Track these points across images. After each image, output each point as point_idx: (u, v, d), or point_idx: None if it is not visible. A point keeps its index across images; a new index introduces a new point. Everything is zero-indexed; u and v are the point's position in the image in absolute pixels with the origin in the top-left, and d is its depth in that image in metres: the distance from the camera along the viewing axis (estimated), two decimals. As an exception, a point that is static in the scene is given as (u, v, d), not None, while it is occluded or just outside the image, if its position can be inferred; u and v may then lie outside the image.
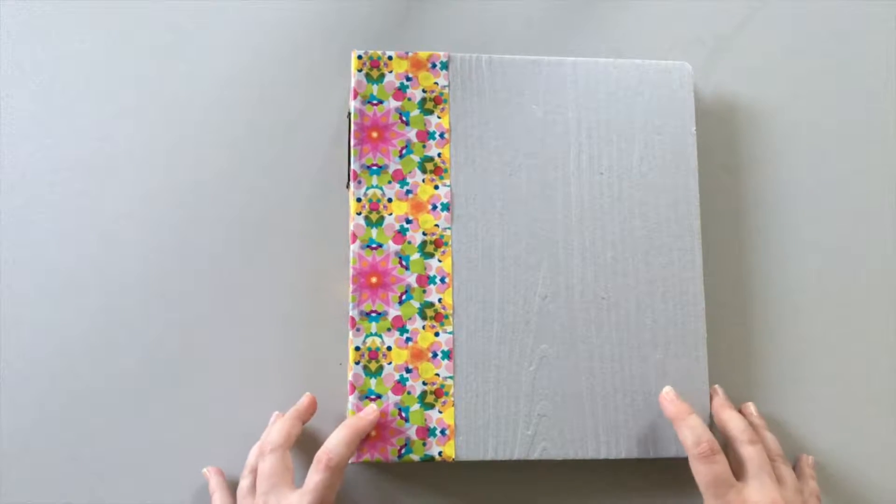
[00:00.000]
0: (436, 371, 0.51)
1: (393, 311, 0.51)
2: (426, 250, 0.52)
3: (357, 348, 0.51)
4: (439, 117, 0.53)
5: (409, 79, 0.54)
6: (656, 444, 0.51)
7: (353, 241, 0.52)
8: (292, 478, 0.47)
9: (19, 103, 0.56)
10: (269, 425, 0.51)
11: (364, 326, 0.51)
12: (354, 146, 0.53)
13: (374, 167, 0.53)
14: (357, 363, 0.51)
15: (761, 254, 0.57)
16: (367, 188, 0.52)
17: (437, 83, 0.54)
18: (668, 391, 0.51)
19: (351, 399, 0.50)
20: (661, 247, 0.53)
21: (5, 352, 0.53)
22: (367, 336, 0.51)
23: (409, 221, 0.52)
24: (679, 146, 0.54)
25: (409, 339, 0.51)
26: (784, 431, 0.55)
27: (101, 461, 0.52)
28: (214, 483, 0.50)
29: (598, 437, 0.51)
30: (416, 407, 0.50)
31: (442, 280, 0.52)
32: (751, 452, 0.48)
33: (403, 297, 0.51)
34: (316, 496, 0.45)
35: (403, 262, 0.52)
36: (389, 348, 0.51)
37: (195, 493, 0.51)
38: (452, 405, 0.51)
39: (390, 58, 0.54)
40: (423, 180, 0.53)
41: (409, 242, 0.52)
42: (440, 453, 0.50)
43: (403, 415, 0.50)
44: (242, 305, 0.54)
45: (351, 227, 0.52)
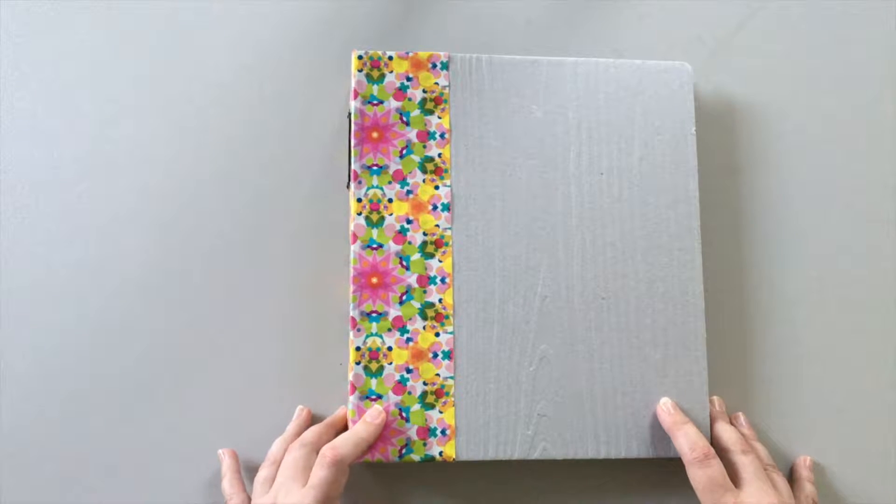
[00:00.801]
0: (436, 371, 0.51)
1: (393, 312, 0.51)
2: (426, 250, 0.52)
3: (358, 348, 0.51)
4: (440, 117, 0.53)
5: (409, 79, 0.54)
6: (656, 444, 0.51)
7: (354, 242, 0.52)
8: (308, 476, 0.47)
9: (19, 103, 0.55)
10: (294, 419, 0.52)
11: (364, 327, 0.51)
12: (355, 146, 0.53)
13: (375, 167, 0.53)
14: (358, 363, 0.51)
15: (761, 254, 0.57)
16: (368, 188, 0.52)
17: (437, 83, 0.54)
18: (666, 402, 0.51)
19: (351, 399, 0.50)
20: (661, 247, 0.53)
21: (5, 352, 0.53)
22: (367, 336, 0.51)
23: (409, 222, 0.52)
24: (679, 146, 0.54)
25: (409, 340, 0.51)
26: (783, 431, 0.55)
27: (101, 461, 0.52)
28: (226, 466, 0.50)
29: (598, 437, 0.51)
30: (416, 407, 0.50)
31: (442, 280, 0.52)
32: (745, 461, 0.48)
33: (404, 297, 0.51)
34: (320, 492, 0.45)
35: (404, 263, 0.52)
36: (390, 348, 0.51)
37: (195, 492, 0.52)
38: (453, 405, 0.51)
39: (391, 58, 0.54)
40: (424, 180, 0.53)
41: (410, 243, 0.52)
42: (441, 453, 0.50)
43: (404, 415, 0.50)
44: (243, 305, 0.54)
45: (351, 227, 0.52)
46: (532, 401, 0.51)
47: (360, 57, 0.54)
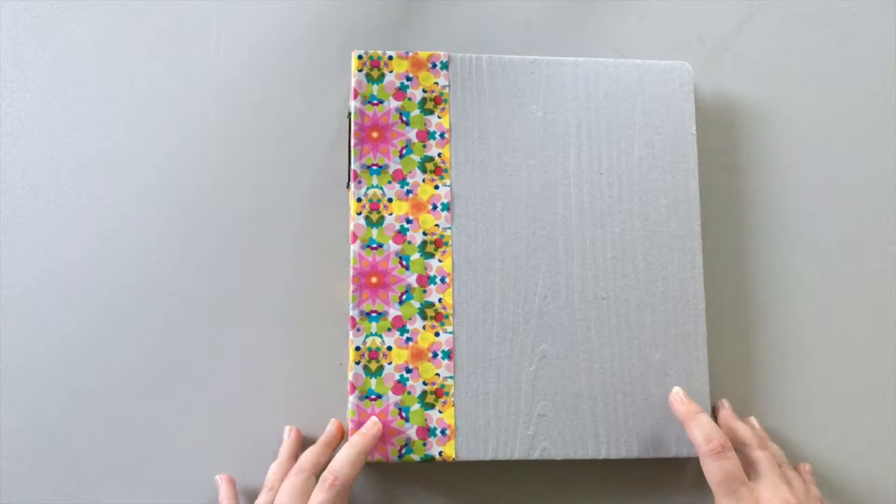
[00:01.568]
0: (436, 371, 0.51)
1: (393, 311, 0.51)
2: (426, 250, 0.52)
3: (357, 348, 0.51)
4: (439, 117, 0.53)
5: (409, 79, 0.54)
6: (656, 444, 0.51)
7: (354, 241, 0.52)
8: (307, 501, 0.46)
9: (19, 103, 0.56)
10: (284, 441, 0.51)
11: (364, 326, 0.51)
12: (355, 146, 0.53)
13: (375, 167, 0.53)
14: (357, 363, 0.51)
15: (761, 254, 0.57)
16: (368, 188, 0.52)
17: (437, 83, 0.54)
18: (678, 391, 0.50)
19: (351, 399, 0.50)
20: (661, 247, 0.53)
21: (5, 352, 0.53)
22: (367, 336, 0.51)
23: (409, 221, 0.52)
24: (679, 146, 0.54)
25: (409, 339, 0.51)
26: (784, 432, 0.55)
27: (102, 461, 0.52)
28: (223, 493, 0.50)
29: (598, 437, 0.51)
30: (416, 407, 0.50)
31: (442, 280, 0.52)
32: (761, 456, 0.48)
33: (404, 297, 0.51)
34: None
35: (404, 262, 0.52)
36: (390, 348, 0.51)
37: (195, 492, 0.51)
38: (453, 405, 0.51)
39: (391, 58, 0.54)
40: (424, 180, 0.53)
41: (410, 242, 0.52)
42: (440, 453, 0.50)
43: (404, 415, 0.50)
44: (242, 305, 0.54)
45: (351, 227, 0.52)
46: (532, 401, 0.51)
47: (360, 57, 0.54)
